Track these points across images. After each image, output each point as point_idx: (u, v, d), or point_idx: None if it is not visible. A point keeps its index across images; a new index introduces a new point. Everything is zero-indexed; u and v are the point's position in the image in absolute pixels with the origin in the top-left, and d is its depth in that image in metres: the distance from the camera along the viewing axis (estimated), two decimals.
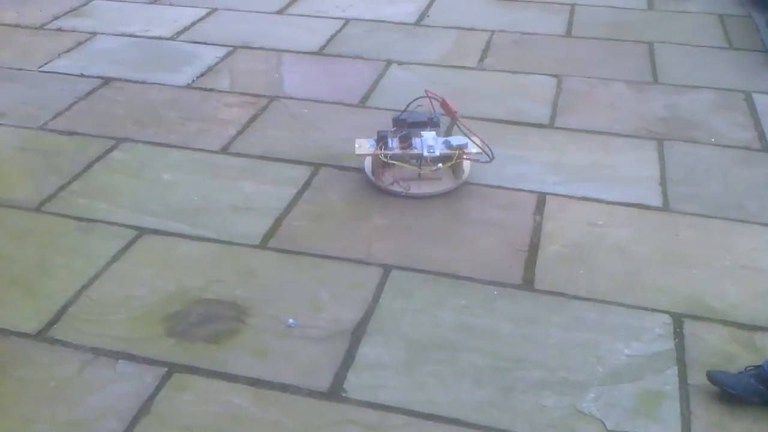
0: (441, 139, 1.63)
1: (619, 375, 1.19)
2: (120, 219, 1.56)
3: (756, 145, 1.85)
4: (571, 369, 1.20)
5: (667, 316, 1.31)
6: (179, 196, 1.64)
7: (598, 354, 1.23)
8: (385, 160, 1.56)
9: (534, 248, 1.47)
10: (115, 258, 1.45)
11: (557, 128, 1.92)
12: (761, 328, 1.29)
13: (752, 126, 1.93)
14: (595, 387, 1.17)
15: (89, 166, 1.75)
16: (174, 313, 1.31)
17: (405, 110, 1.67)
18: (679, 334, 1.27)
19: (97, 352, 1.24)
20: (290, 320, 1.29)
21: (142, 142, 1.85)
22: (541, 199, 1.63)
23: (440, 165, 1.60)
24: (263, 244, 1.49)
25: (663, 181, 1.70)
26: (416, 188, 1.59)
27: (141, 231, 1.53)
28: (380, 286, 1.37)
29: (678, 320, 1.30)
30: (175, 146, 1.83)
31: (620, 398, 1.15)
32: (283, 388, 1.17)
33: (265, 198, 1.63)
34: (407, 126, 1.64)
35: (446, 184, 1.62)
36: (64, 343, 1.25)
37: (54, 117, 1.96)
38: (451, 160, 1.59)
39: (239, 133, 1.88)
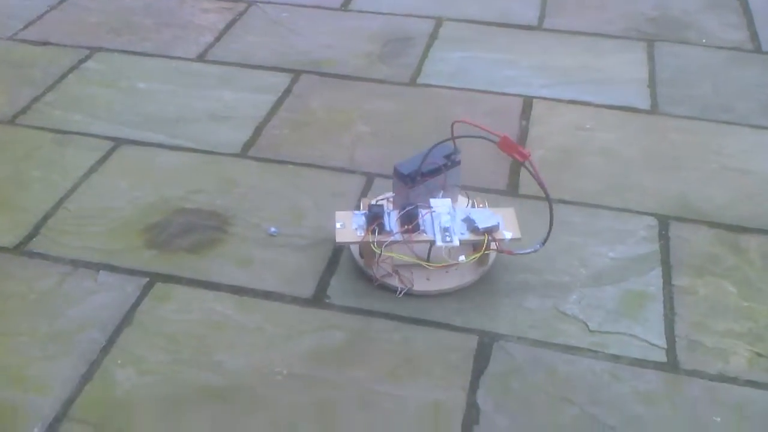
0: (461, 213, 1.12)
1: (603, 277, 1.19)
2: (96, 130, 1.52)
3: (748, 45, 1.81)
4: (554, 272, 1.19)
5: (652, 218, 1.30)
6: (156, 106, 1.59)
7: (582, 257, 1.22)
8: (379, 251, 1.08)
9: None
10: (93, 169, 1.42)
11: (545, 30, 1.86)
12: (746, 230, 1.28)
13: (745, 26, 1.88)
14: (578, 289, 1.17)
15: (63, 76, 1.70)
16: (154, 224, 1.29)
17: (426, 156, 1.14)
18: (664, 236, 1.27)
19: (76, 264, 1.22)
20: (272, 229, 1.27)
21: (117, 51, 1.79)
22: (528, 103, 1.60)
23: (462, 257, 1.10)
24: (243, 153, 1.46)
25: (652, 84, 1.66)
26: (421, 282, 1.13)
27: (118, 142, 1.49)
28: (363, 194, 1.35)
29: (664, 222, 1.29)
30: (150, 54, 1.77)
31: (603, 300, 1.15)
32: (266, 295, 1.16)
33: (245, 106, 1.59)
34: (420, 178, 1.13)
35: (463, 274, 1.14)
36: (44, 256, 1.23)
37: (25, 27, 1.89)
38: (478, 251, 1.10)
39: (217, 39, 1.82)
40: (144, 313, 1.14)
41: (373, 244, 1.07)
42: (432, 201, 1.13)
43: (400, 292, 1.13)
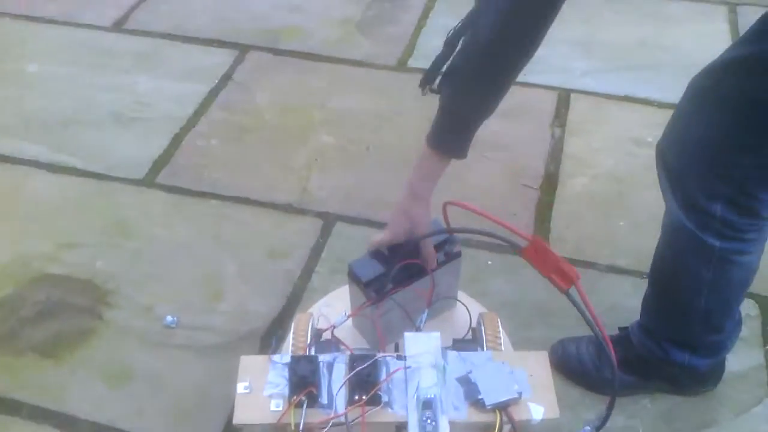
0: (456, 366, 0.60)
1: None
2: None
3: None
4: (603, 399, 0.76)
5: (751, 302, 0.86)
6: (45, 100, 1.16)
7: None
8: None
9: (551, 183, 1.00)
10: None
11: None
12: None
13: None
14: None
15: None
16: (1, 301, 0.87)
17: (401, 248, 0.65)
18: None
19: None
20: (169, 318, 0.85)
21: (10, 15, 1.34)
22: (564, 98, 1.14)
23: None
24: (150, 179, 1.02)
25: None
26: None
27: None
28: (315, 251, 0.92)
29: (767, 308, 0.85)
30: (53, 21, 1.33)
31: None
32: None
33: (165, 100, 1.14)
34: (390, 287, 0.65)
35: None
36: None
37: None
38: None
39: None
40: None
41: None
42: (407, 338, 0.60)
43: None
